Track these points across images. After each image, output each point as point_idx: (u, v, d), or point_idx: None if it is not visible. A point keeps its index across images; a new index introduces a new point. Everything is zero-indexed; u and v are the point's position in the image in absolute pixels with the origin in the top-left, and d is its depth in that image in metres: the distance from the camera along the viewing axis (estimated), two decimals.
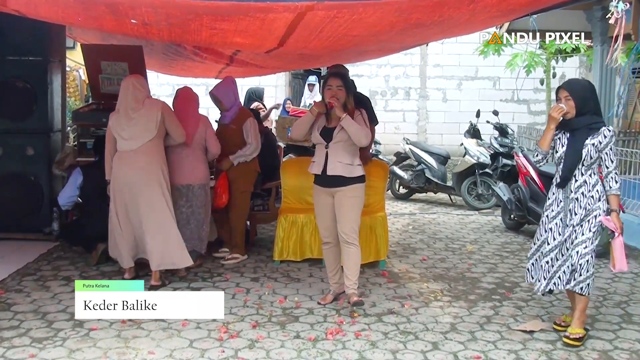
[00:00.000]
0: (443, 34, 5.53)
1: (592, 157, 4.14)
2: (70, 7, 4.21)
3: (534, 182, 7.38)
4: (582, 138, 4.17)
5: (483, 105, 12.10)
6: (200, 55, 6.90)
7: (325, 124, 4.84)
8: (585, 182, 4.18)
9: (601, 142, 4.13)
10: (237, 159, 6.04)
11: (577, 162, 4.19)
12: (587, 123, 4.16)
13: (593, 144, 4.14)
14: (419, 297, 5.18)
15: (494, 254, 6.74)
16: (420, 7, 3.99)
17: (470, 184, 9.48)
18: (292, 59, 6.97)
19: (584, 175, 4.19)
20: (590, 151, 4.14)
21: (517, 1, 4.02)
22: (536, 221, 7.30)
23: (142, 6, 3.95)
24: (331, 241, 4.95)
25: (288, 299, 5.06)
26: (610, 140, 4.12)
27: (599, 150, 4.14)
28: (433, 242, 7.27)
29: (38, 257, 6.07)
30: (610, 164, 4.15)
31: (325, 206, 4.88)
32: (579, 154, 4.16)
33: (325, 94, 4.76)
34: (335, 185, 4.77)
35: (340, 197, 4.77)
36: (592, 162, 4.18)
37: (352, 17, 4.03)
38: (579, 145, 4.17)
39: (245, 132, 6.06)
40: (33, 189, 6.69)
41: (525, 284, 5.51)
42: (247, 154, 6.06)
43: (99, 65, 6.87)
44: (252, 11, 3.95)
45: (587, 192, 4.17)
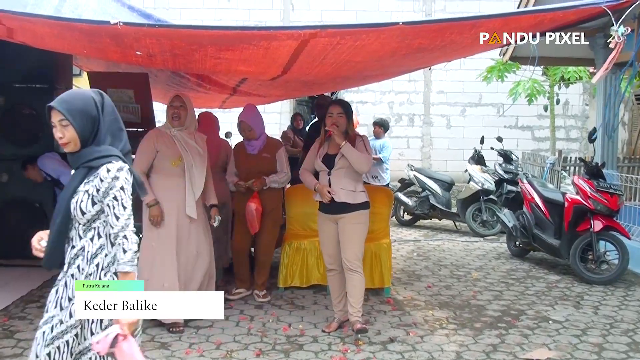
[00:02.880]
0: (446, 57, 5.59)
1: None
2: (75, 40, 4.27)
3: (539, 208, 7.36)
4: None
5: (487, 131, 12.10)
6: (204, 86, 6.96)
7: (327, 150, 4.88)
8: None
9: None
10: (272, 182, 5.67)
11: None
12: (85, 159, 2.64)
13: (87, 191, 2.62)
14: (424, 325, 5.15)
15: (499, 281, 6.70)
16: (423, 33, 4.03)
17: (475, 210, 9.45)
18: (296, 87, 7.02)
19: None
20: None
21: (520, 25, 4.05)
22: (542, 248, 7.29)
23: (147, 37, 4.00)
24: (336, 268, 4.94)
25: (292, 327, 5.03)
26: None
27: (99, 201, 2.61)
28: (438, 269, 7.24)
29: (42, 284, 6.05)
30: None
31: (329, 233, 4.88)
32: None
33: (326, 121, 4.82)
34: (339, 212, 4.77)
35: (344, 223, 4.77)
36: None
37: (355, 43, 4.07)
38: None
39: (280, 161, 5.76)
40: (38, 215, 6.70)
41: (532, 312, 5.47)
42: (281, 182, 5.77)
43: (105, 92, 6.89)
44: (256, 40, 4.00)
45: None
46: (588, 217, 6.62)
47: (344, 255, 4.77)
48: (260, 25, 12.70)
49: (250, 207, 5.48)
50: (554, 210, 7.16)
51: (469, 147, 11.84)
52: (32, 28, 4.00)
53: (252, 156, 5.70)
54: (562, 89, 12.33)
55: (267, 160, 5.70)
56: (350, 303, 4.77)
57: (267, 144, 5.75)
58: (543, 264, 7.50)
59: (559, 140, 13.85)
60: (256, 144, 5.71)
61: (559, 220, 7.01)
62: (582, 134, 14.48)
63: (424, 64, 6.44)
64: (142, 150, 4.96)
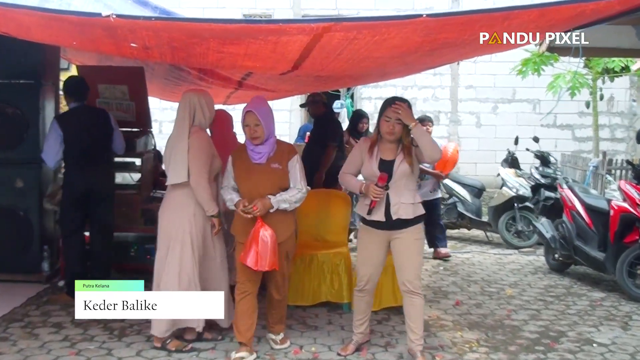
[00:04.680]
0: (474, 52, 5.56)
1: None
2: (64, 31, 4.29)
3: (581, 217, 7.32)
4: None
5: (522, 131, 12.07)
6: (206, 80, 6.98)
7: (380, 155, 4.71)
8: None
9: None
10: (281, 203, 4.67)
11: None
12: None
13: None
14: (451, 348, 5.13)
15: (536, 298, 6.66)
16: (449, 26, 4.01)
17: (508, 219, 9.41)
18: (308, 82, 7.03)
19: None
20: None
21: (558, 16, 4.02)
22: (584, 261, 7.24)
23: (143, 30, 4.01)
24: (369, 289, 4.88)
25: (304, 349, 5.03)
26: None
27: None
28: (467, 285, 7.22)
29: (26, 300, 6.09)
30: None
31: (376, 252, 4.78)
32: None
33: (382, 122, 4.65)
34: (397, 228, 4.66)
35: (402, 241, 4.67)
36: None
37: (374, 38, 4.06)
38: None
39: (293, 173, 4.77)
40: (22, 224, 6.72)
41: (573, 334, 5.43)
42: (294, 201, 4.73)
43: (96, 88, 6.96)
44: (263, 34, 4.00)
45: None
46: (637, 226, 6.57)
47: (403, 277, 4.69)
48: (267, 19, 12.77)
49: (264, 236, 4.54)
50: (598, 219, 7.11)
51: (501, 149, 11.81)
52: (17, 17, 4.02)
53: (258, 167, 4.73)
54: (607, 83, 12.25)
55: (279, 173, 4.74)
56: (412, 329, 4.71)
57: (277, 151, 4.80)
58: (586, 280, 7.46)
59: (602, 140, 13.77)
60: (263, 150, 4.72)
61: (604, 231, 6.96)
62: (629, 133, 14.41)
63: (450, 60, 6.44)
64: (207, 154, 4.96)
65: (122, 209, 6.91)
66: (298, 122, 14.99)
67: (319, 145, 7.80)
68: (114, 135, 6.32)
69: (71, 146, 6.10)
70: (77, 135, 6.07)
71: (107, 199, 6.31)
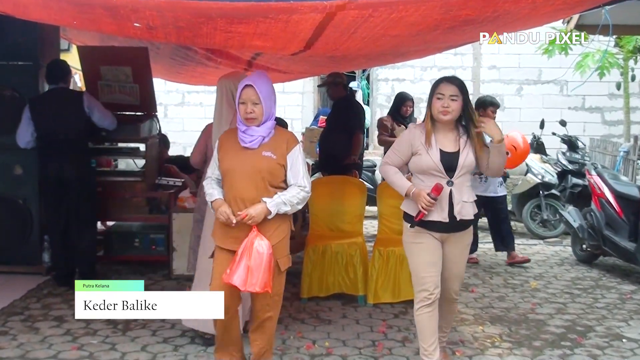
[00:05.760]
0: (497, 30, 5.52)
1: None
2: (64, 10, 4.30)
3: (610, 205, 7.30)
4: None
5: (548, 114, 12.00)
6: (214, 60, 6.97)
7: (440, 147, 4.26)
8: None
9: None
10: (281, 206, 4.00)
11: None
12: None
13: None
14: (472, 343, 5.14)
15: (562, 291, 6.67)
16: (472, 2, 3.99)
17: (533, 207, 9.40)
18: (321, 62, 7.02)
19: None
20: None
21: None
22: (614, 252, 7.23)
23: (146, 9, 4.01)
24: (438, 299, 4.33)
25: (317, 344, 5.05)
26: None
27: None
28: (489, 277, 7.22)
29: (26, 293, 6.15)
30: None
31: (435, 253, 4.32)
32: None
33: (434, 105, 4.23)
34: (457, 230, 4.31)
35: (456, 245, 4.36)
36: None
37: (391, 15, 4.04)
38: None
39: (293, 167, 4.10)
40: (21, 214, 6.77)
41: (602, 328, 5.43)
42: (295, 202, 4.07)
43: (98, 70, 6.99)
44: (273, 12, 3.99)
45: None
46: None
47: (451, 288, 4.45)
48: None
49: (260, 246, 3.89)
50: (629, 208, 7.09)
51: (526, 133, 11.72)
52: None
53: (246, 153, 4.04)
54: (639, 63, 12.15)
55: (271, 164, 4.02)
56: (440, 327, 4.49)
57: (274, 138, 4.11)
58: (615, 272, 7.46)
59: (634, 124, 13.65)
60: (257, 132, 4.03)
61: (635, 220, 6.94)
62: None
63: (471, 39, 6.42)
64: None
65: (125, 197, 6.98)
66: (311, 105, 14.99)
67: (340, 132, 7.70)
68: (94, 114, 6.36)
69: (41, 132, 6.16)
70: (46, 120, 6.15)
71: (84, 191, 6.33)
